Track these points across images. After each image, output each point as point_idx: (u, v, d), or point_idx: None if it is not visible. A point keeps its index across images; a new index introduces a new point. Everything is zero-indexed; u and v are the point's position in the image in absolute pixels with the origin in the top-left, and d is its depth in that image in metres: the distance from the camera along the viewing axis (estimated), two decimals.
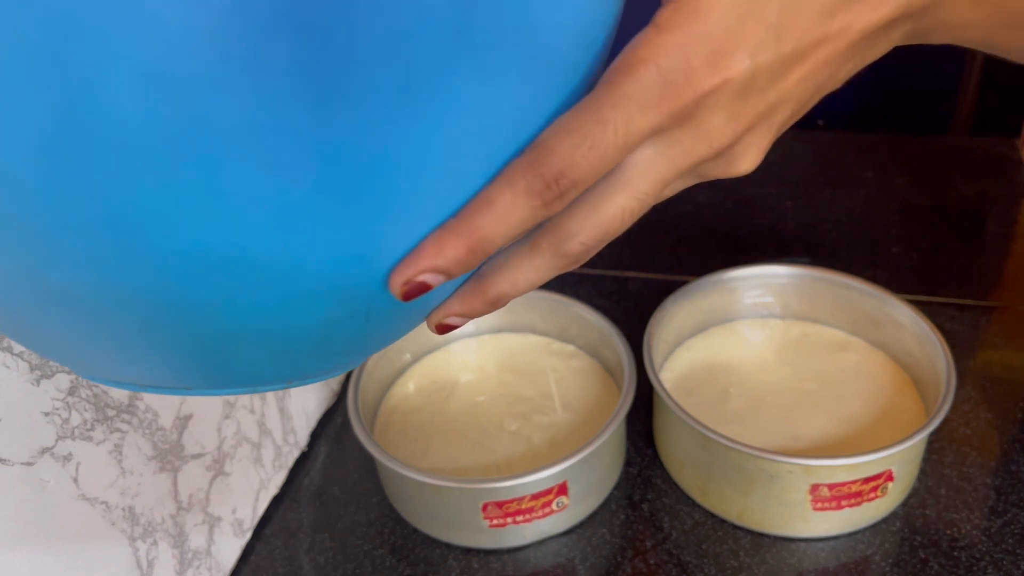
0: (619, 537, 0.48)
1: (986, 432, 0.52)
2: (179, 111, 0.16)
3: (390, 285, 0.22)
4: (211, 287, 0.19)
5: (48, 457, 0.34)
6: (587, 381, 0.55)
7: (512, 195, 0.21)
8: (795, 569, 0.46)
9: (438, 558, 0.48)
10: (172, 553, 0.42)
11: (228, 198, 0.17)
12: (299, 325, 0.21)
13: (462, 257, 0.22)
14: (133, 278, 0.18)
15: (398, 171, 0.19)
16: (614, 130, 0.21)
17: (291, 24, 0.16)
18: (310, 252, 0.19)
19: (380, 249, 0.21)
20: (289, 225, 0.18)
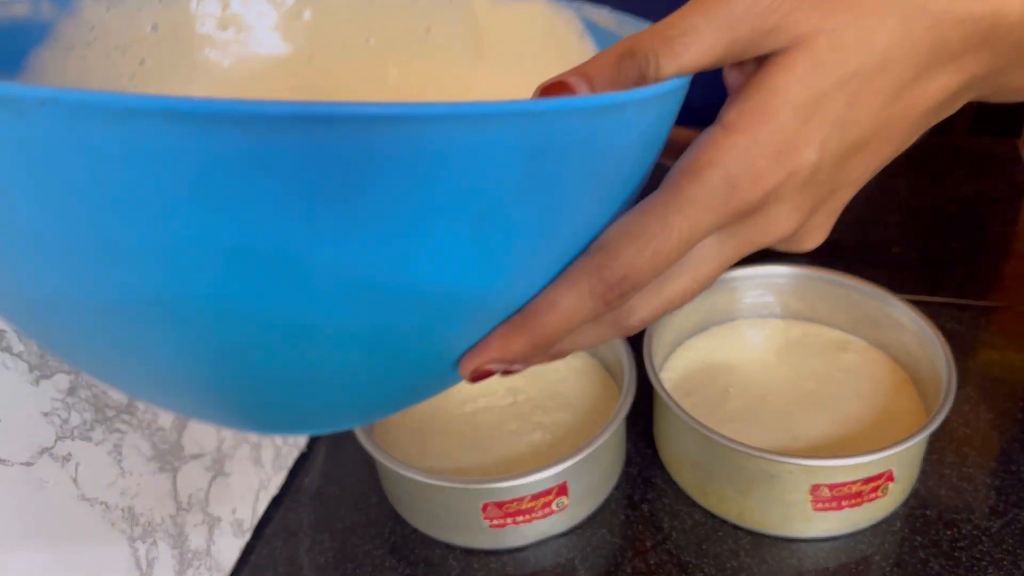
0: (619, 537, 0.48)
1: (986, 432, 0.52)
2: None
3: (460, 369, 0.23)
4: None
5: (47, 457, 0.34)
6: (587, 381, 0.55)
7: (576, 297, 0.22)
8: (795, 569, 0.46)
9: (438, 558, 0.48)
10: (172, 553, 0.42)
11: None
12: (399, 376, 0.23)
13: (526, 352, 0.23)
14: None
15: (471, 278, 0.20)
16: (678, 234, 0.21)
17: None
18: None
19: (458, 337, 0.23)
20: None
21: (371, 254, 0.18)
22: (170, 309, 0.18)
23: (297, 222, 0.16)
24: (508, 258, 0.20)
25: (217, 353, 0.20)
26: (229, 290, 0.18)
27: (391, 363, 0.22)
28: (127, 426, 0.38)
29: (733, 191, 0.21)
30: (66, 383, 0.35)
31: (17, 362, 0.32)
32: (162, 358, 0.20)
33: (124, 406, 0.38)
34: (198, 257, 0.17)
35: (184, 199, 0.16)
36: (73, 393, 0.35)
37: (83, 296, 0.18)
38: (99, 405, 0.37)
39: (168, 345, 0.19)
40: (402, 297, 0.19)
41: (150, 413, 0.40)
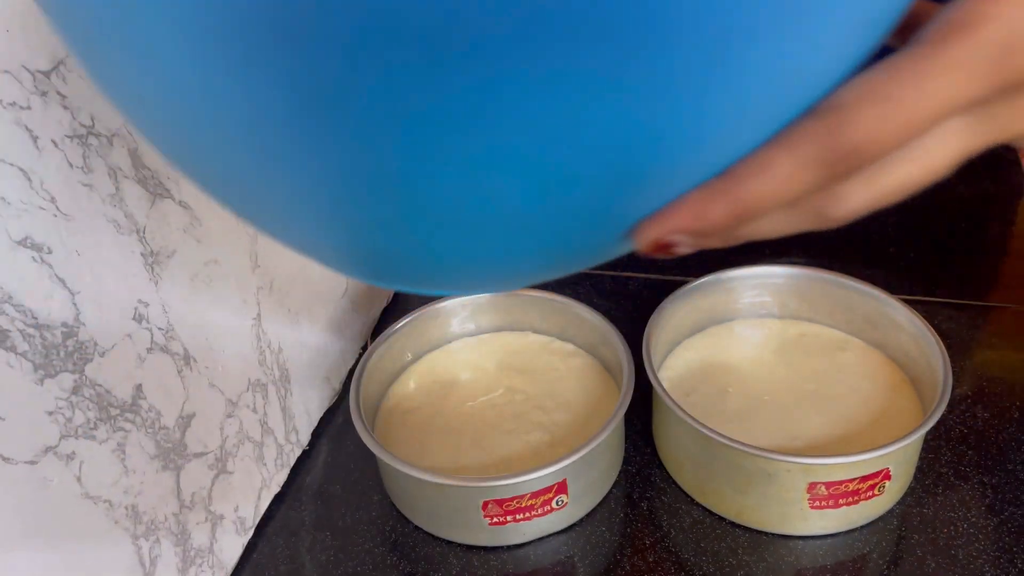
0: (618, 535, 0.49)
1: (983, 431, 0.52)
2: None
3: (638, 236, 0.20)
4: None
5: (51, 456, 0.34)
6: (586, 380, 0.56)
7: (794, 163, 0.18)
8: (793, 567, 0.46)
9: (438, 556, 0.48)
10: (175, 551, 0.42)
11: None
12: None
13: (724, 222, 0.19)
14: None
15: (681, 120, 0.17)
16: (934, 103, 0.18)
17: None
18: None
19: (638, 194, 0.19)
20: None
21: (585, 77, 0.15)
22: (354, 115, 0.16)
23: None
24: (729, 102, 0.17)
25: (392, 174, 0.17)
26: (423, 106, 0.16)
27: (562, 216, 0.19)
28: (131, 425, 0.39)
29: (1007, 54, 0.17)
30: (70, 382, 0.35)
31: (21, 361, 0.33)
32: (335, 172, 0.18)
33: (128, 405, 0.38)
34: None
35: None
36: (77, 392, 0.35)
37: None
38: (103, 404, 0.37)
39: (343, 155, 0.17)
40: (601, 134, 0.16)
41: (153, 412, 0.40)
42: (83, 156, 0.35)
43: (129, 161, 0.38)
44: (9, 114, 0.32)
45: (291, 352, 0.52)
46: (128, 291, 0.38)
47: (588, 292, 0.65)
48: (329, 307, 0.57)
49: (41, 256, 0.33)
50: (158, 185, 0.40)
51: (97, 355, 0.36)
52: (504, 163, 0.17)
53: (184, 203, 0.42)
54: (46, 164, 0.33)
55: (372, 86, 0.15)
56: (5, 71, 0.32)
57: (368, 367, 0.53)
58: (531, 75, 0.15)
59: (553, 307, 0.57)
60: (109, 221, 0.37)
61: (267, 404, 0.50)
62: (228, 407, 0.46)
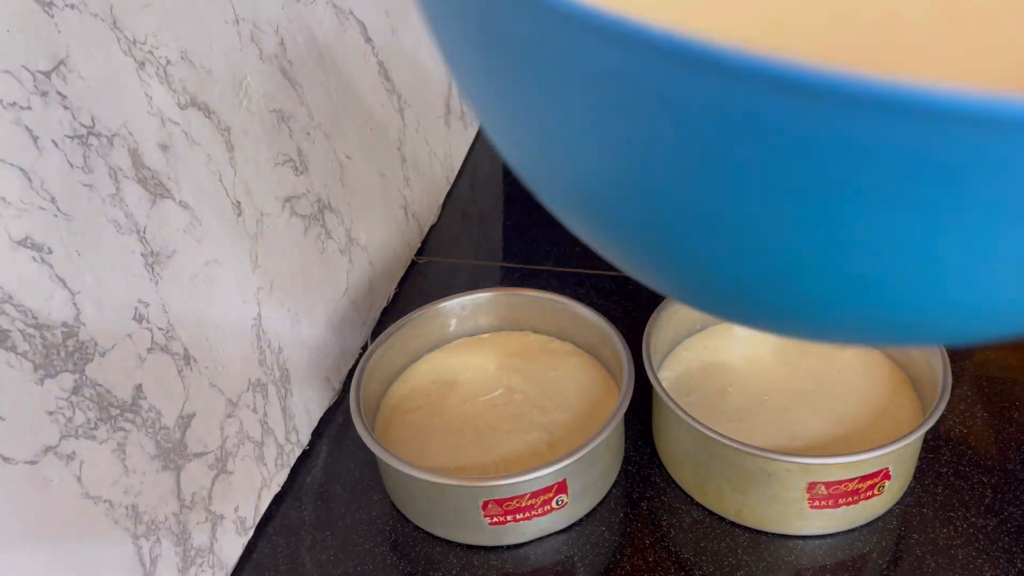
0: (618, 535, 0.49)
1: (982, 431, 0.53)
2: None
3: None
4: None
5: (52, 456, 0.34)
6: (587, 380, 0.56)
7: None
8: (793, 567, 0.46)
9: (439, 555, 0.48)
10: (175, 551, 0.42)
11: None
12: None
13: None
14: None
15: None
16: None
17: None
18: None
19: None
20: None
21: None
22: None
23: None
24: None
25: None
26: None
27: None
28: (131, 425, 0.39)
29: None
30: (70, 382, 0.35)
31: (22, 361, 0.33)
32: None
33: (128, 405, 0.38)
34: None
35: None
36: (77, 392, 0.35)
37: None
38: (103, 404, 0.37)
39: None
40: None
41: (154, 412, 0.40)
42: (83, 156, 0.35)
43: (129, 161, 0.38)
44: (9, 114, 0.32)
45: (291, 352, 0.52)
46: (128, 291, 0.38)
47: (588, 292, 0.66)
48: (329, 307, 0.57)
49: (41, 256, 0.33)
50: (158, 185, 0.40)
51: (97, 355, 0.36)
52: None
53: (184, 203, 0.42)
54: (46, 164, 0.33)
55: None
56: (5, 71, 0.32)
57: (368, 367, 0.53)
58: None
59: (553, 307, 0.57)
60: (109, 221, 0.37)
61: (267, 404, 0.50)
62: (228, 407, 0.46)
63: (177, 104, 0.41)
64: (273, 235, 0.50)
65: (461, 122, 0.80)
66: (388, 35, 0.63)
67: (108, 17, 0.37)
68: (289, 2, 0.50)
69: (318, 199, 0.55)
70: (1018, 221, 0.15)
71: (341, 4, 0.56)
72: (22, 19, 0.32)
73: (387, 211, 0.65)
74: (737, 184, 0.16)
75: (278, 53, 0.49)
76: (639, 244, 0.21)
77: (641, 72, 0.15)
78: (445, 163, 0.76)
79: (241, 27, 0.46)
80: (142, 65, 0.39)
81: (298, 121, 0.52)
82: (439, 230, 0.74)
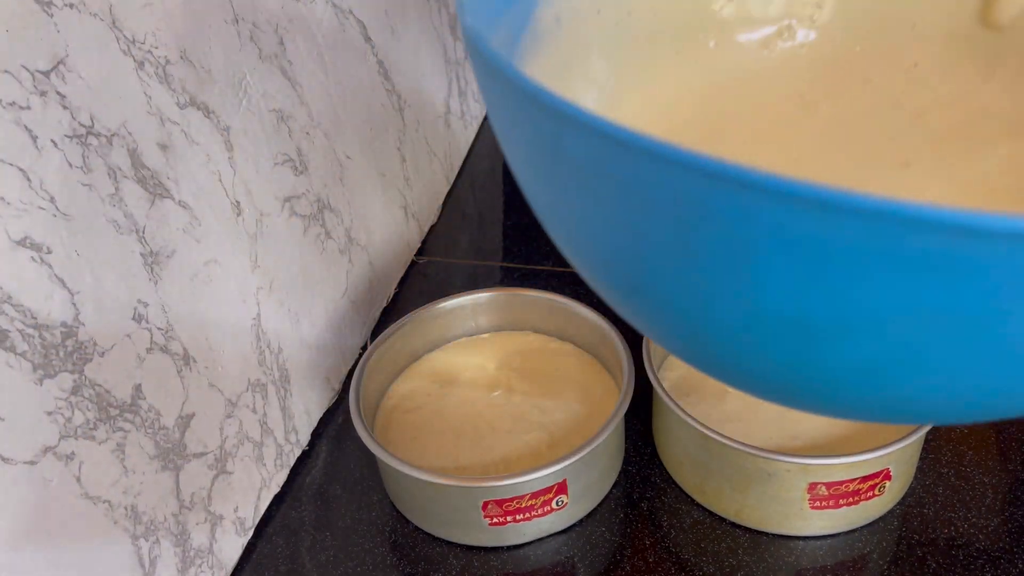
0: (618, 535, 0.49)
1: (983, 431, 0.52)
2: None
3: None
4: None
5: (51, 456, 0.34)
6: (587, 380, 0.56)
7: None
8: (793, 567, 0.46)
9: (438, 556, 0.48)
10: (174, 552, 0.42)
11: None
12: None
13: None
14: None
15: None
16: None
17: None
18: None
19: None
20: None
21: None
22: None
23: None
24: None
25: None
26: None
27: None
28: (130, 425, 0.39)
29: None
30: (69, 382, 0.35)
31: (21, 361, 0.33)
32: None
33: (127, 405, 0.38)
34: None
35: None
36: (76, 392, 0.35)
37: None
38: (102, 404, 0.37)
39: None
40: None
41: (153, 412, 0.40)
42: (83, 156, 0.35)
43: (129, 161, 0.38)
44: (9, 114, 0.32)
45: (291, 352, 0.52)
46: (128, 291, 0.38)
47: (588, 292, 0.65)
48: (329, 307, 0.57)
49: (41, 256, 0.33)
50: (158, 185, 0.40)
51: (97, 355, 0.36)
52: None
53: (183, 203, 0.42)
54: (46, 164, 0.33)
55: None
56: (5, 71, 0.32)
57: (368, 367, 0.53)
58: None
59: (553, 307, 0.57)
60: (109, 221, 0.37)
61: (267, 404, 0.50)
62: (228, 407, 0.46)
63: (176, 104, 0.41)
64: (273, 235, 0.50)
65: (461, 122, 0.80)
66: (388, 35, 0.63)
67: (107, 17, 0.36)
68: (289, 2, 0.50)
69: (318, 199, 0.55)
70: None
71: (341, 4, 0.56)
72: (21, 19, 0.32)
73: (387, 211, 0.65)
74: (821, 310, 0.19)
75: (278, 53, 0.49)
76: (667, 321, 0.24)
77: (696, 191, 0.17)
78: (445, 163, 0.76)
79: (240, 27, 0.46)
80: (141, 65, 0.39)
81: (298, 121, 0.52)
82: (439, 230, 0.73)
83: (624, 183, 0.19)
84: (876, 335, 0.19)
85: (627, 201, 0.19)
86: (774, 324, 0.20)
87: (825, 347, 0.20)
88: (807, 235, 0.16)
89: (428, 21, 0.70)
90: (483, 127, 0.84)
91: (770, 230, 0.17)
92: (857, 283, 0.17)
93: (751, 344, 0.21)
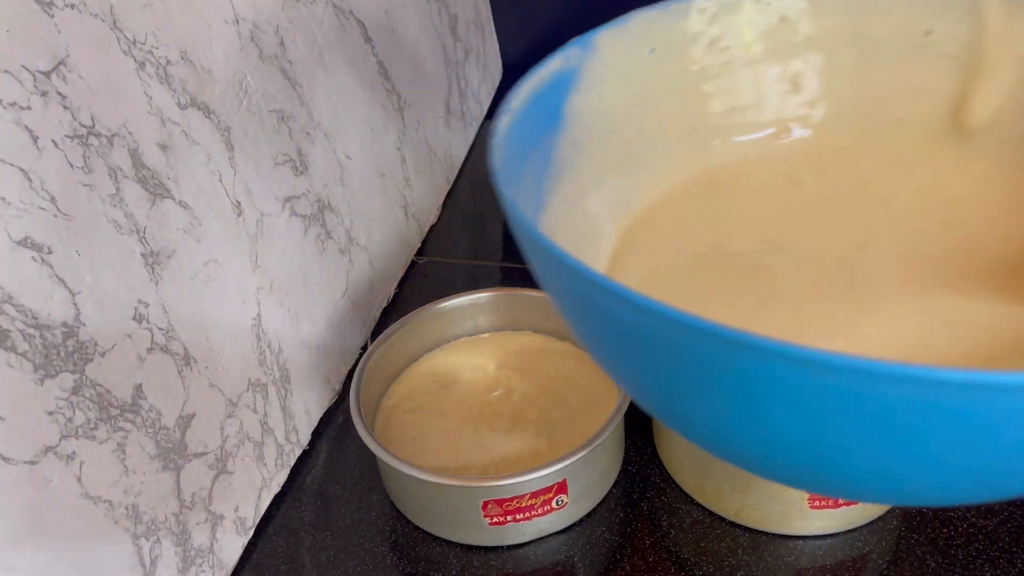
0: (618, 535, 0.49)
1: None
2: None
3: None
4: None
5: (52, 456, 0.34)
6: (587, 380, 0.56)
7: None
8: (793, 567, 0.46)
9: (438, 555, 0.48)
10: (175, 551, 0.42)
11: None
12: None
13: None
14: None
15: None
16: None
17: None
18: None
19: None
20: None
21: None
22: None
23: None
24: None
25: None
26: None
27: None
28: (131, 425, 0.39)
29: None
30: (70, 382, 0.35)
31: (22, 361, 0.33)
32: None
33: (128, 405, 0.38)
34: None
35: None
36: (77, 392, 0.35)
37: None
38: (103, 404, 0.37)
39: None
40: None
41: (154, 412, 0.40)
42: (83, 156, 0.35)
43: (129, 161, 0.38)
44: (9, 114, 0.32)
45: (291, 352, 0.52)
46: (128, 291, 0.38)
47: None
48: (329, 307, 0.57)
49: (41, 256, 0.33)
50: (158, 185, 0.40)
51: (97, 355, 0.36)
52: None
53: (184, 203, 0.42)
54: (46, 164, 0.33)
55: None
56: (5, 71, 0.32)
57: (368, 367, 0.53)
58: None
59: (553, 307, 0.57)
60: (109, 221, 0.37)
61: (267, 404, 0.50)
62: (228, 407, 0.46)
63: (177, 104, 0.41)
64: (273, 235, 0.50)
65: (461, 122, 0.80)
66: (388, 35, 0.63)
67: (108, 17, 0.37)
68: (289, 2, 0.50)
69: (318, 199, 0.55)
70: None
71: (341, 4, 0.56)
72: (22, 19, 0.32)
73: (387, 211, 0.65)
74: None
75: (278, 53, 0.49)
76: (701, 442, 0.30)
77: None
78: (445, 163, 0.76)
79: (241, 27, 0.46)
80: (142, 65, 0.39)
81: (298, 121, 0.52)
82: (439, 230, 0.74)
83: (637, 337, 0.23)
84: (870, 454, 0.22)
85: (644, 350, 0.24)
86: (788, 448, 0.24)
87: (830, 462, 0.24)
88: (801, 383, 0.20)
89: (428, 21, 0.70)
90: (483, 127, 0.85)
91: (774, 379, 0.21)
92: (839, 415, 0.21)
93: (767, 460, 0.26)
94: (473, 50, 0.81)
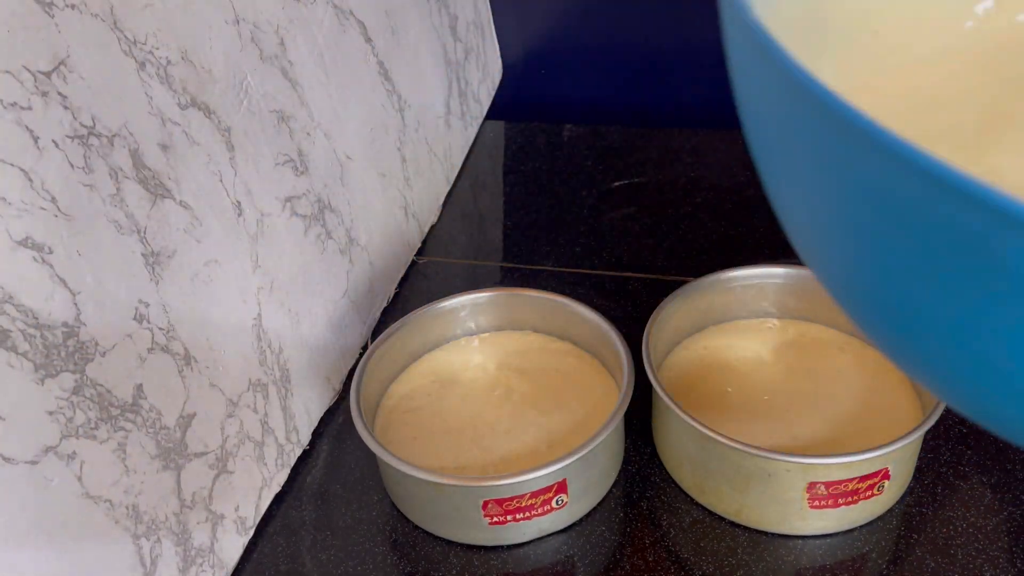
0: (618, 534, 0.49)
1: (982, 431, 0.53)
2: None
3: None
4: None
5: (52, 456, 0.34)
6: (586, 380, 0.56)
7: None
8: (792, 566, 0.46)
9: (439, 555, 0.48)
10: (175, 551, 0.42)
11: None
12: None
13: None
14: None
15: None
16: None
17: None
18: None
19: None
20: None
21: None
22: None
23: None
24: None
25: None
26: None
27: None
28: (131, 424, 0.39)
29: None
30: (71, 382, 0.35)
31: (22, 361, 0.33)
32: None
33: (128, 405, 0.38)
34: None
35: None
36: (78, 392, 0.35)
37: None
38: (103, 404, 0.37)
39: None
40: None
41: (154, 412, 0.40)
42: (84, 156, 0.35)
43: (130, 161, 0.38)
44: (10, 114, 0.32)
45: (291, 352, 0.52)
46: (129, 291, 0.38)
47: (588, 292, 0.66)
48: (329, 307, 0.57)
49: (42, 256, 0.33)
50: (159, 185, 0.40)
51: (98, 355, 0.37)
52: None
53: (184, 203, 0.42)
54: (47, 164, 0.34)
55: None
56: (5, 71, 0.32)
57: (368, 367, 0.53)
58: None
59: (553, 307, 0.57)
60: (110, 221, 0.37)
61: (267, 404, 0.50)
62: (228, 407, 0.46)
63: (177, 104, 0.41)
64: (273, 235, 0.50)
65: (461, 122, 0.80)
66: (388, 35, 0.63)
67: (108, 17, 0.37)
68: (289, 2, 0.50)
69: (318, 199, 0.55)
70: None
71: (341, 4, 0.56)
72: (22, 19, 0.32)
73: (387, 211, 0.65)
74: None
75: (278, 53, 0.49)
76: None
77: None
78: (445, 163, 0.76)
79: (241, 27, 0.46)
80: (143, 65, 0.39)
81: (298, 121, 0.52)
82: (439, 230, 0.74)
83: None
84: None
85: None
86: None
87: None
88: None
89: (428, 21, 0.70)
90: (483, 127, 0.85)
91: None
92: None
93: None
94: (473, 50, 0.81)
